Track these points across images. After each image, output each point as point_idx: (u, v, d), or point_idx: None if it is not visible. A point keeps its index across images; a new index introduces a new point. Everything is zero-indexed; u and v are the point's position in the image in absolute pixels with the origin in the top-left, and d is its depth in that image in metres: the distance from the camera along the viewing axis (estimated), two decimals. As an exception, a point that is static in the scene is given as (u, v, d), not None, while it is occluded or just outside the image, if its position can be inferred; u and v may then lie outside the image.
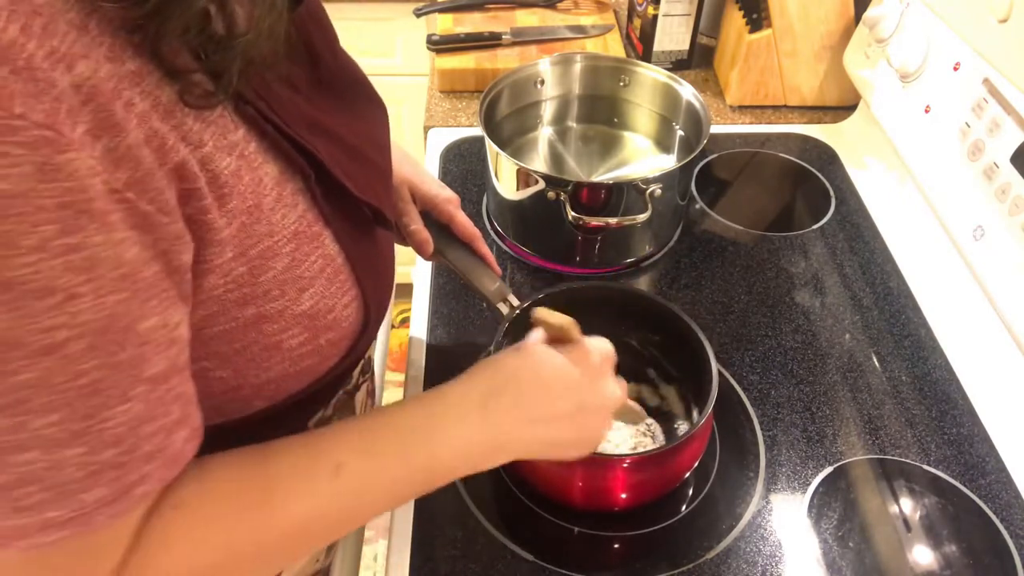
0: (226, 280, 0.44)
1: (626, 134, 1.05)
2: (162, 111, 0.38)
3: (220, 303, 0.44)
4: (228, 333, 0.46)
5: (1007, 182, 0.76)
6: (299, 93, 0.50)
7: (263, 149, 0.45)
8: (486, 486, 0.73)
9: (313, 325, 0.49)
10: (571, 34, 1.28)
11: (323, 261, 0.49)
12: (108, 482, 0.39)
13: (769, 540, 0.69)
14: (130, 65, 0.37)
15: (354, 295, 0.52)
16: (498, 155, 0.89)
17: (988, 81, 0.81)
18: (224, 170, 0.42)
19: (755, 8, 1.14)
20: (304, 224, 0.47)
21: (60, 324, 0.35)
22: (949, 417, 0.79)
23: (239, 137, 0.43)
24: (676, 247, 0.98)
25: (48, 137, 0.33)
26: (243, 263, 0.44)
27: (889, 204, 1.02)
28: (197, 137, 0.40)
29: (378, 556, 1.62)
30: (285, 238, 0.46)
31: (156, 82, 0.38)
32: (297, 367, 0.50)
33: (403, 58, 1.81)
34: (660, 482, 0.69)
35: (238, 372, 0.48)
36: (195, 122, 0.41)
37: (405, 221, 0.74)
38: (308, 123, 0.49)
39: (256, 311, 0.46)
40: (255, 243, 0.44)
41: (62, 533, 0.39)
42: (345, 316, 0.51)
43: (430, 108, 1.20)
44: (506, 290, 0.74)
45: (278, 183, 0.46)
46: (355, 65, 0.60)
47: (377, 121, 0.61)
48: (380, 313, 0.55)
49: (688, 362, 0.73)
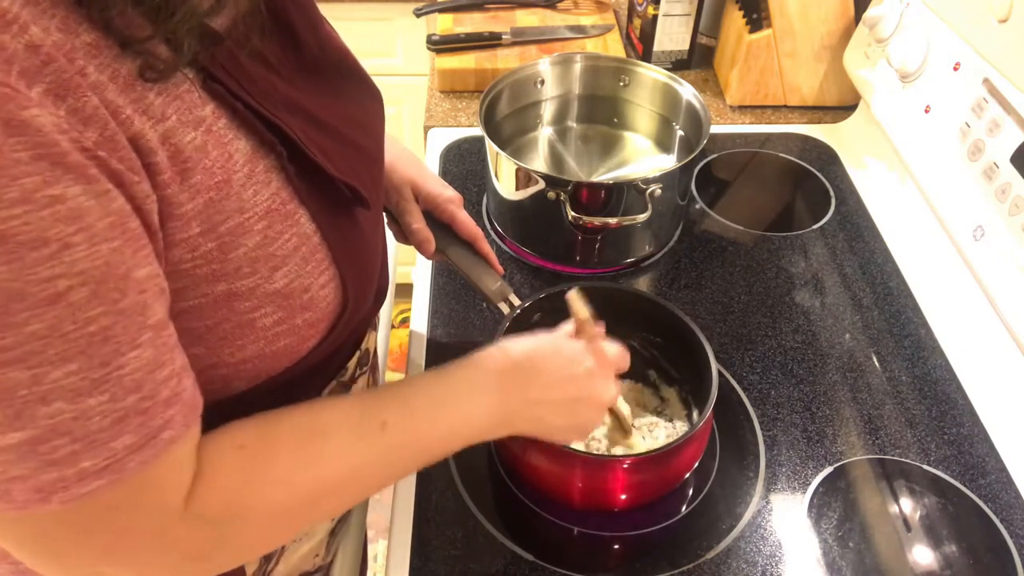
0: (194, 255, 0.44)
1: (626, 134, 1.05)
2: (121, 83, 0.39)
3: (189, 278, 0.45)
4: (199, 309, 0.46)
5: (1007, 182, 0.76)
6: (279, 75, 0.50)
7: (234, 126, 0.45)
8: (486, 486, 0.73)
9: (288, 304, 0.49)
10: (571, 34, 1.28)
11: (298, 239, 0.49)
12: (135, 428, 0.40)
13: (769, 540, 0.69)
14: (85, 38, 0.38)
15: (331, 275, 0.52)
16: (498, 155, 0.89)
17: (988, 81, 0.81)
18: (188, 144, 0.42)
19: (755, 8, 1.14)
20: (277, 202, 0.47)
21: (59, 274, 0.36)
22: (949, 417, 0.79)
23: (207, 112, 0.44)
24: (676, 247, 0.98)
25: (7, 94, 0.34)
26: (212, 239, 0.44)
27: (889, 204, 1.02)
28: (159, 111, 0.41)
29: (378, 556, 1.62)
30: (257, 215, 0.46)
31: (115, 55, 0.39)
32: (273, 347, 0.50)
33: (403, 58, 1.81)
34: (660, 483, 0.70)
35: (211, 349, 0.48)
36: (157, 96, 0.41)
37: (407, 220, 0.74)
38: (285, 103, 0.49)
39: (227, 288, 0.46)
40: (224, 219, 0.45)
41: (99, 482, 0.40)
42: (323, 296, 0.51)
43: (430, 108, 1.20)
44: (507, 290, 0.74)
45: (250, 160, 0.46)
46: (346, 51, 0.60)
47: (367, 105, 0.61)
48: (362, 294, 0.56)
49: (688, 363, 0.73)
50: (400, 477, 0.60)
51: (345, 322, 0.54)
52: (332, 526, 0.70)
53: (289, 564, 0.66)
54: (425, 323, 0.88)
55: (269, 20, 0.50)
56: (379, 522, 1.02)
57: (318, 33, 0.56)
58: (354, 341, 0.64)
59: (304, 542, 0.67)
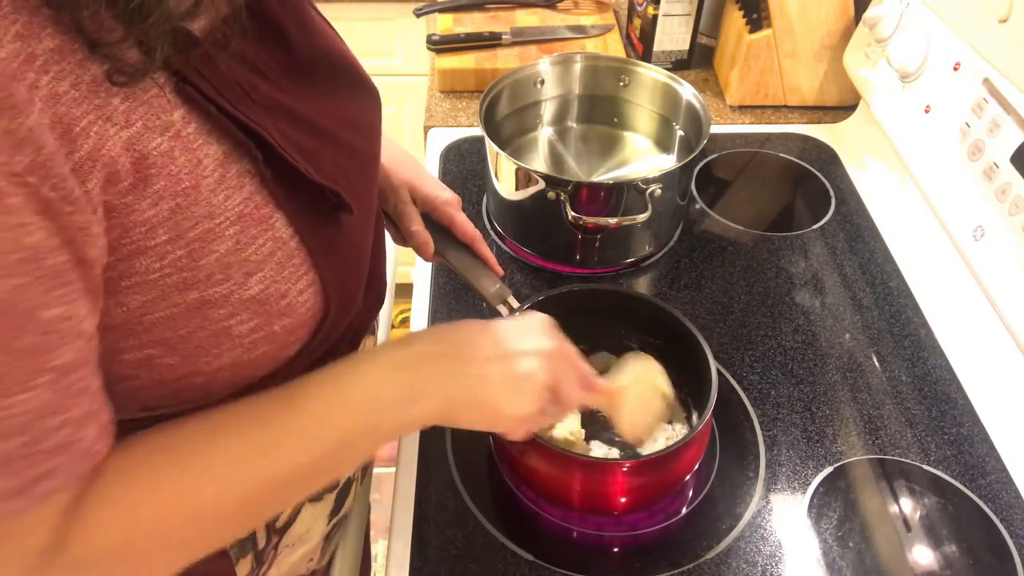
0: (162, 263, 0.43)
1: (626, 134, 1.05)
2: (84, 90, 0.38)
3: (159, 287, 0.43)
4: (171, 319, 0.45)
5: (1007, 182, 0.76)
6: (264, 77, 0.49)
7: (205, 130, 0.44)
8: (486, 486, 0.73)
9: (264, 311, 0.48)
10: (571, 34, 1.28)
11: (272, 244, 0.47)
12: (10, 474, 0.38)
13: (769, 540, 0.69)
14: (48, 43, 0.36)
15: (310, 280, 0.50)
16: (498, 155, 0.89)
17: (988, 81, 0.81)
18: (153, 150, 0.41)
19: (755, 8, 1.14)
20: (251, 206, 0.46)
21: None
22: (949, 417, 0.79)
23: (175, 117, 0.42)
24: (676, 247, 0.98)
25: None
26: (180, 246, 0.43)
27: (889, 204, 1.02)
28: (123, 117, 0.40)
29: (378, 556, 1.62)
30: (228, 220, 0.45)
31: (79, 60, 0.38)
32: (251, 354, 0.49)
33: (403, 58, 1.81)
34: (660, 485, 0.70)
35: (187, 359, 0.47)
36: (123, 102, 0.40)
37: (405, 222, 0.74)
38: (267, 105, 0.48)
39: (199, 296, 0.45)
40: (192, 225, 0.43)
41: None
42: (301, 302, 0.50)
43: (430, 108, 1.20)
44: (506, 292, 0.74)
45: (221, 164, 0.45)
46: (341, 51, 0.59)
47: (362, 105, 0.60)
48: (346, 299, 0.54)
49: (688, 366, 0.73)
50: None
51: (329, 327, 0.53)
52: (328, 530, 0.70)
53: (281, 569, 0.65)
54: (425, 323, 0.88)
55: (255, 22, 0.48)
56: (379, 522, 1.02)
57: (309, 33, 0.55)
58: (350, 345, 0.64)
59: (298, 546, 0.66)
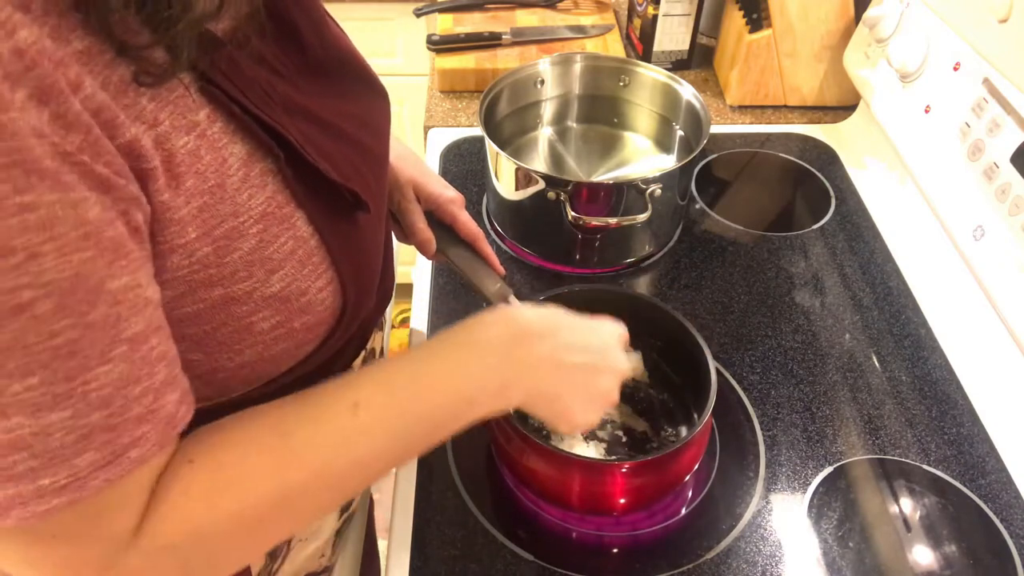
0: (191, 260, 0.44)
1: (626, 134, 1.05)
2: (113, 90, 0.38)
3: (187, 284, 0.44)
4: (197, 315, 0.45)
5: (1007, 182, 0.76)
6: (281, 76, 0.50)
7: (229, 130, 0.45)
8: (486, 486, 0.73)
9: (285, 308, 0.49)
10: (571, 34, 1.28)
11: (294, 243, 0.48)
12: (100, 446, 0.39)
13: (769, 540, 0.69)
14: (77, 45, 0.37)
15: (330, 278, 0.51)
16: (498, 155, 0.89)
17: (988, 81, 0.81)
18: (180, 149, 0.42)
19: (755, 8, 1.14)
20: (273, 205, 0.47)
21: (24, 284, 0.35)
22: (949, 417, 0.79)
23: (201, 117, 0.43)
24: (676, 247, 0.98)
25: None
26: (207, 243, 0.44)
27: (889, 204, 1.02)
28: (152, 116, 0.41)
29: (378, 556, 1.62)
30: (252, 219, 0.46)
31: (107, 62, 0.38)
32: (271, 351, 0.50)
33: (403, 58, 1.81)
34: (659, 486, 0.69)
35: (210, 355, 0.48)
36: (150, 101, 0.41)
37: (409, 220, 0.74)
38: (286, 105, 0.48)
39: (223, 292, 0.46)
40: (219, 223, 0.44)
41: (58, 500, 0.38)
42: (320, 300, 0.51)
43: (430, 108, 1.20)
44: (507, 291, 0.74)
45: (245, 163, 0.45)
46: (352, 51, 0.60)
47: (372, 105, 0.61)
48: (362, 297, 0.55)
49: (687, 367, 0.73)
50: (391, 464, 0.53)
51: (345, 325, 0.54)
52: (338, 525, 0.70)
53: (295, 564, 0.66)
54: (425, 323, 0.88)
55: (271, 22, 0.49)
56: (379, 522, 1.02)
57: (322, 33, 0.55)
58: (360, 341, 0.64)
59: (311, 541, 0.66)
